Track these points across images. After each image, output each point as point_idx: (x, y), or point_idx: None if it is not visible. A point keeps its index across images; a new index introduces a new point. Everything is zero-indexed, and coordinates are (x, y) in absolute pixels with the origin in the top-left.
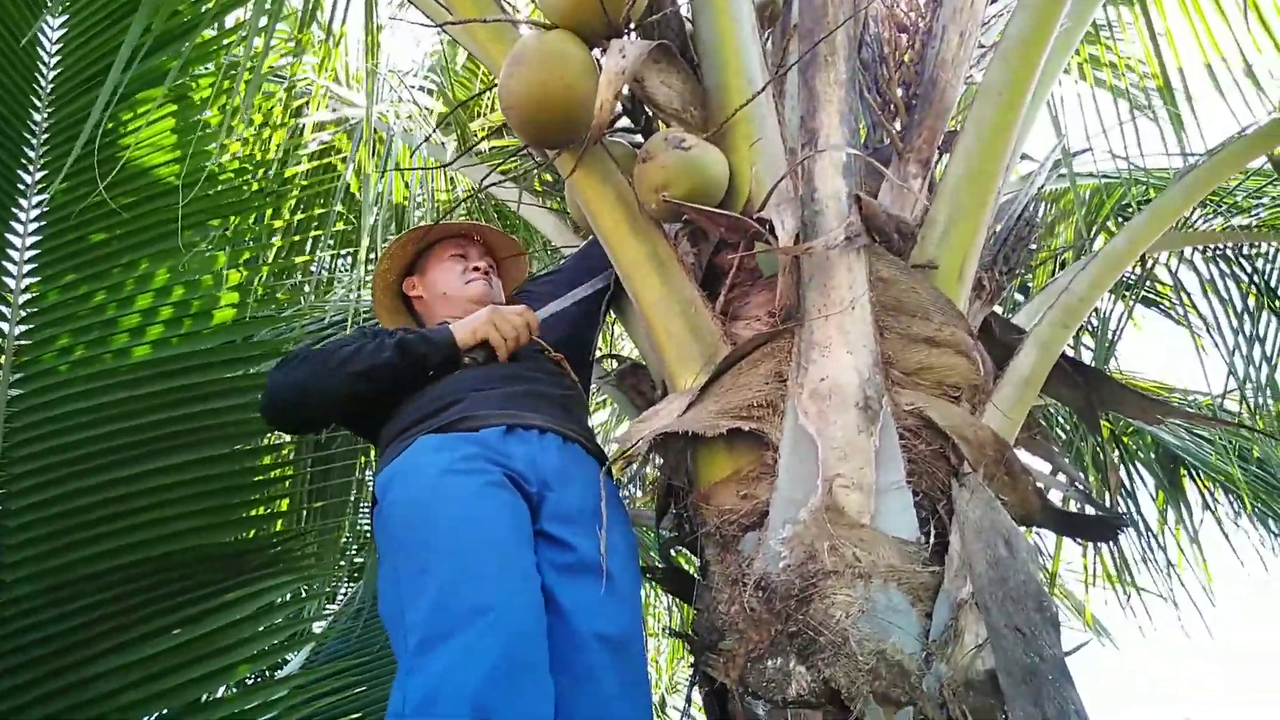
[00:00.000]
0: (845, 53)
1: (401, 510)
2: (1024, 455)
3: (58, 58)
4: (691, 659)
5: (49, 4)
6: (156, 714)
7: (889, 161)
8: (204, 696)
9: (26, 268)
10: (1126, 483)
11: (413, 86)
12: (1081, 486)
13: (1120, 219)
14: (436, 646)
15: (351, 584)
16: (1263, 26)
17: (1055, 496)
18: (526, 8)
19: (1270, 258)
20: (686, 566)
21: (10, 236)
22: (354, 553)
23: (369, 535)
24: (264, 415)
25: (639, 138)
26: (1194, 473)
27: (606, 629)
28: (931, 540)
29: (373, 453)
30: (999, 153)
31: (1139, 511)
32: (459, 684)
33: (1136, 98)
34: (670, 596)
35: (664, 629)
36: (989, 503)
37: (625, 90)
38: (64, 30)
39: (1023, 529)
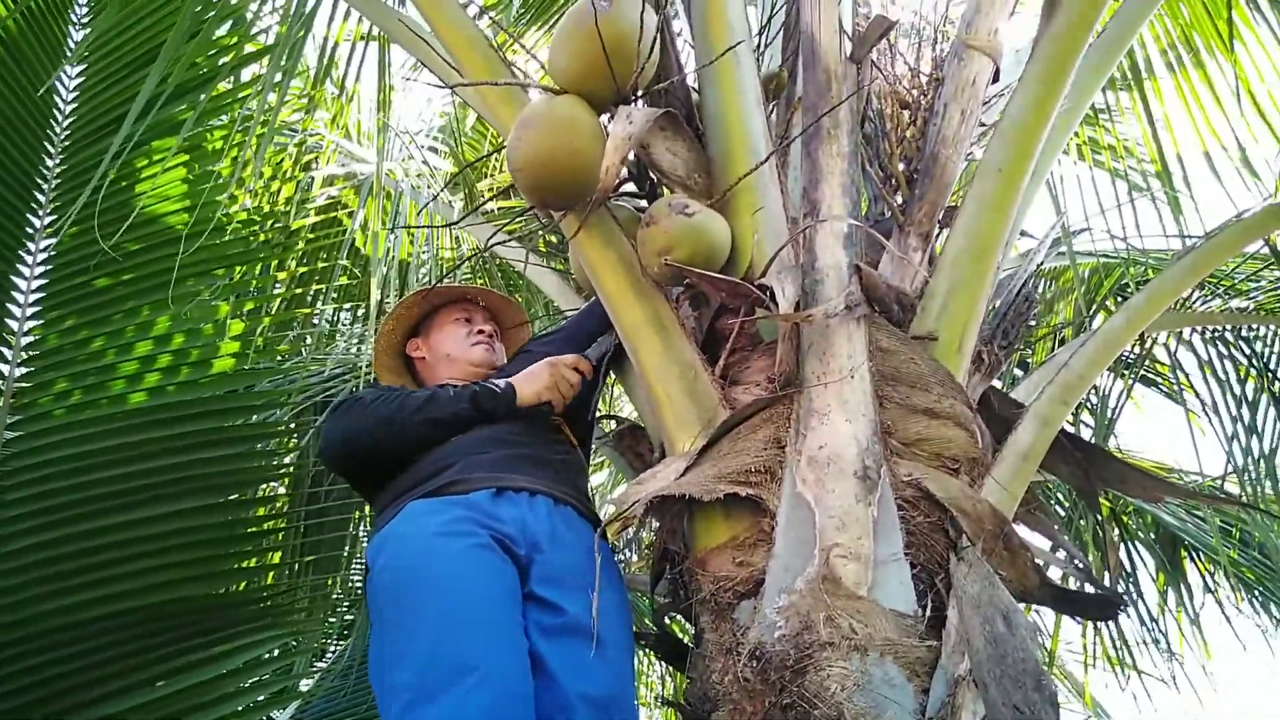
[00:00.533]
0: (848, 127)
1: (391, 574)
2: (1023, 530)
3: (74, 105)
4: None
5: (68, 53)
6: None
7: (890, 234)
8: None
9: (30, 310)
10: (1126, 563)
11: (421, 146)
12: (1081, 564)
13: (1119, 298)
14: (422, 707)
15: (341, 642)
16: (1259, 115)
17: (1054, 574)
18: (536, 73)
19: (1268, 340)
20: (680, 634)
21: (16, 279)
22: (344, 610)
23: (360, 592)
24: (327, 456)
25: (643, 202)
26: (1194, 554)
27: (593, 690)
28: (929, 614)
29: (367, 508)
30: (998, 228)
31: (1139, 592)
32: None
33: (1135, 180)
34: (663, 664)
35: (656, 698)
36: (987, 578)
37: (631, 156)
38: (81, 79)
39: (1021, 605)
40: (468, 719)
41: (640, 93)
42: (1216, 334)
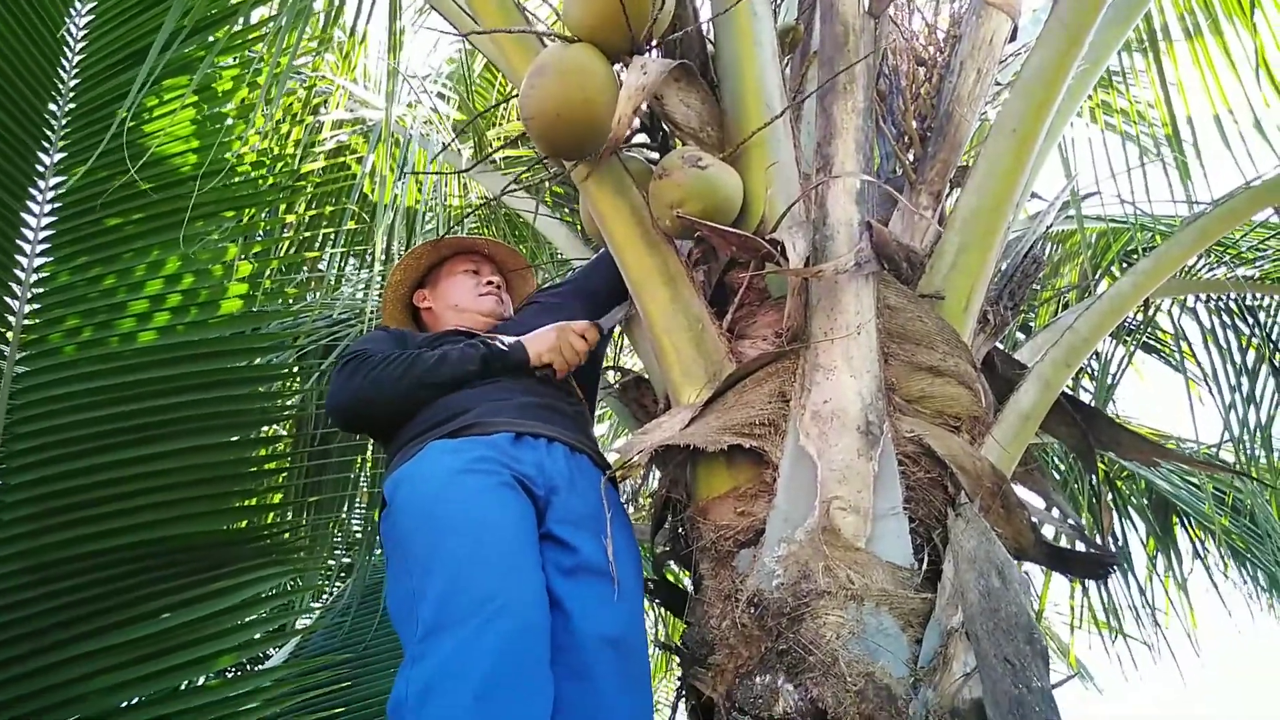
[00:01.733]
0: (864, 82)
1: (412, 509)
2: (1020, 490)
3: (83, 44)
4: (679, 673)
5: None
6: (136, 698)
7: (901, 191)
8: (184, 684)
9: (40, 248)
10: (1118, 528)
11: (430, 92)
12: (1075, 524)
13: (1125, 264)
14: (441, 634)
15: (340, 582)
16: (1271, 83)
17: (1048, 533)
18: (548, 18)
19: (1271, 311)
20: (678, 582)
21: (26, 216)
22: (342, 552)
23: (359, 535)
24: (337, 414)
25: (655, 154)
26: (1185, 520)
27: (609, 629)
28: (925, 567)
29: (369, 451)
30: (1010, 188)
31: (1129, 558)
32: (462, 671)
33: (1146, 144)
34: (661, 609)
35: (653, 641)
36: (984, 533)
37: (644, 107)
38: (90, 17)
39: (1016, 564)
40: (487, 647)
41: (655, 43)
42: (1220, 302)
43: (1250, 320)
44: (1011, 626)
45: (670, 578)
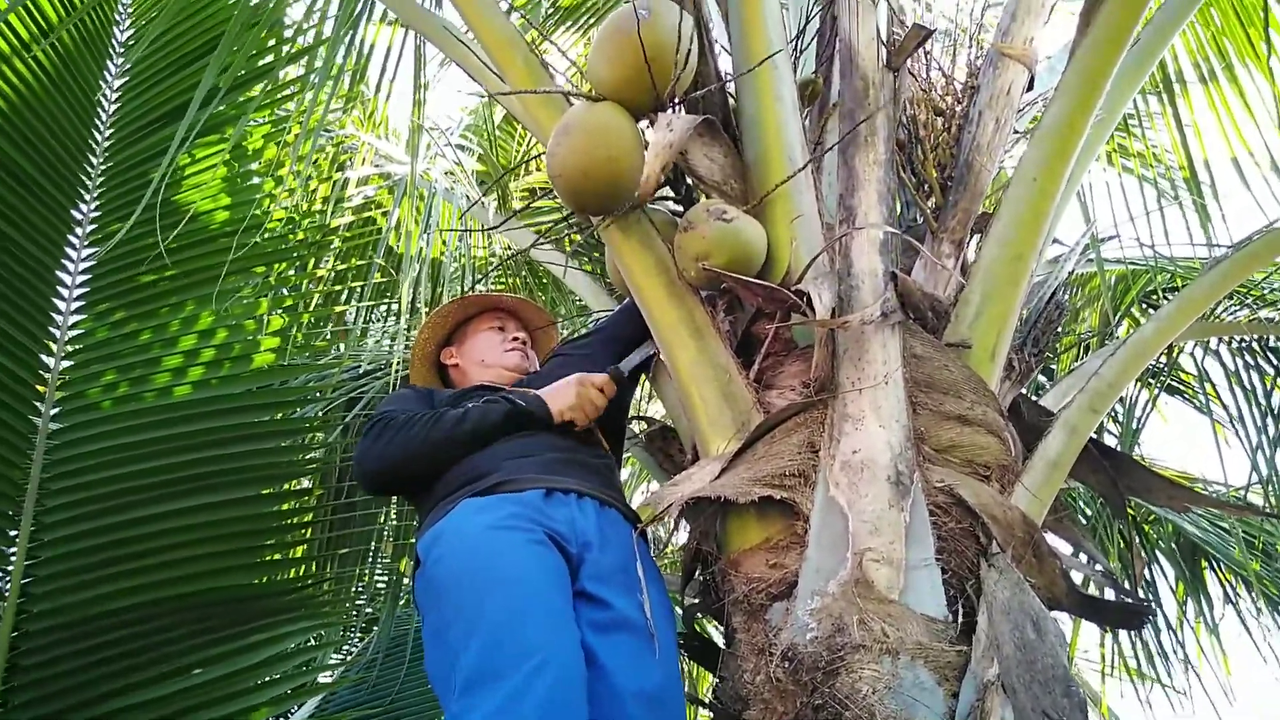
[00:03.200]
0: (884, 134)
1: (448, 565)
2: (1050, 538)
3: (117, 104)
4: None
5: (113, 54)
6: None
7: (923, 240)
8: None
9: (75, 304)
10: (1147, 573)
11: (451, 144)
12: (1106, 572)
13: (1145, 305)
14: (483, 690)
15: (364, 636)
16: None
17: (1078, 579)
18: (568, 71)
19: None
20: (710, 634)
21: (62, 275)
22: (365, 604)
23: (383, 588)
24: (365, 479)
25: (679, 207)
26: (1215, 565)
27: (645, 685)
28: (959, 619)
29: (393, 502)
30: (1033, 237)
31: (1158, 602)
32: None
33: (1163, 187)
34: (693, 664)
35: (685, 696)
36: (1017, 584)
37: (670, 163)
38: (125, 79)
39: (1051, 615)
40: (531, 702)
41: (678, 99)
42: (1243, 344)
43: (1275, 361)
44: (1049, 679)
45: (699, 630)
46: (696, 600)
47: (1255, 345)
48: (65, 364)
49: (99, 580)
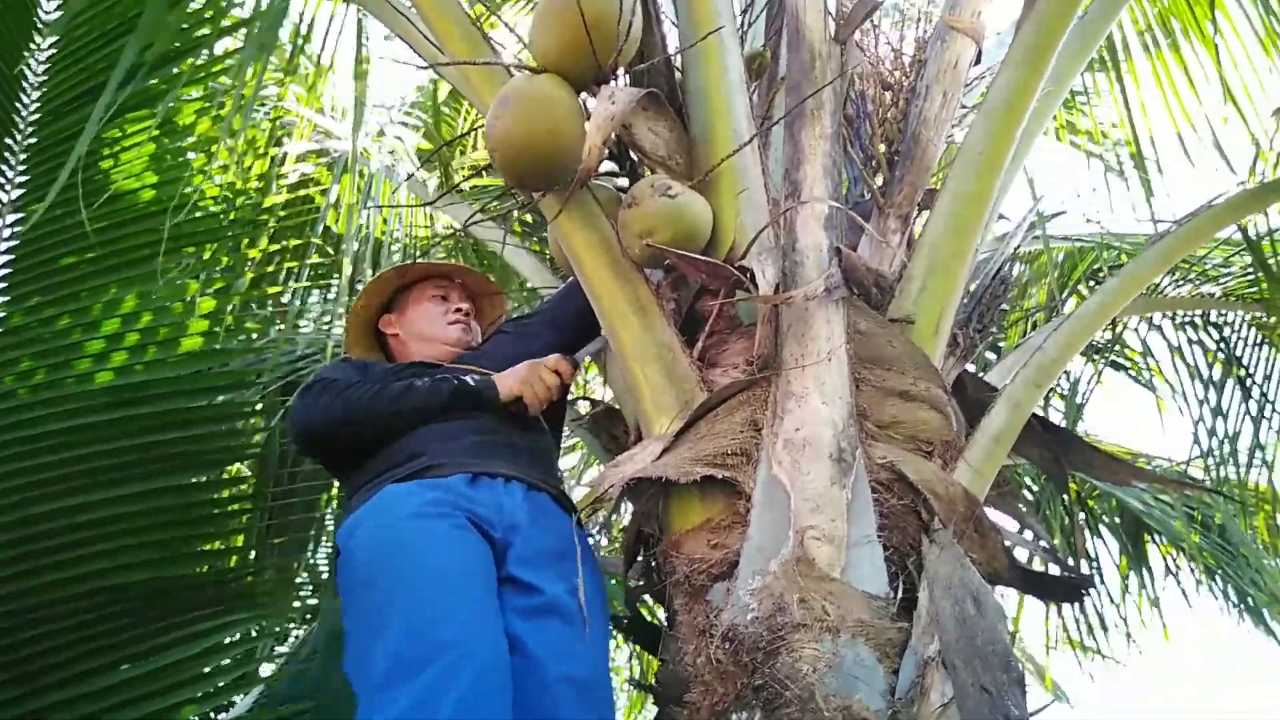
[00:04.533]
0: (831, 107)
1: (366, 554)
2: (993, 513)
3: (44, 76)
4: (654, 713)
5: (39, 26)
6: None
7: (869, 216)
8: None
9: None
10: (1090, 547)
11: (395, 121)
12: (1048, 547)
13: (1092, 283)
14: (400, 684)
15: (305, 627)
16: (1232, 102)
17: (1021, 555)
18: (516, 47)
19: (1235, 326)
20: (652, 617)
21: None
22: (308, 594)
23: (325, 578)
24: (299, 437)
25: (623, 181)
26: (1156, 538)
27: (574, 671)
28: (900, 595)
29: (334, 490)
30: (978, 211)
31: (1101, 576)
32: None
33: (1110, 162)
34: (634, 647)
35: (627, 680)
36: (959, 560)
37: (613, 135)
38: (53, 50)
39: (991, 588)
40: (447, 697)
41: (622, 71)
42: (1186, 319)
43: (1216, 336)
44: (988, 654)
45: (645, 614)
46: (639, 582)
47: (1197, 320)
48: None
49: (19, 575)
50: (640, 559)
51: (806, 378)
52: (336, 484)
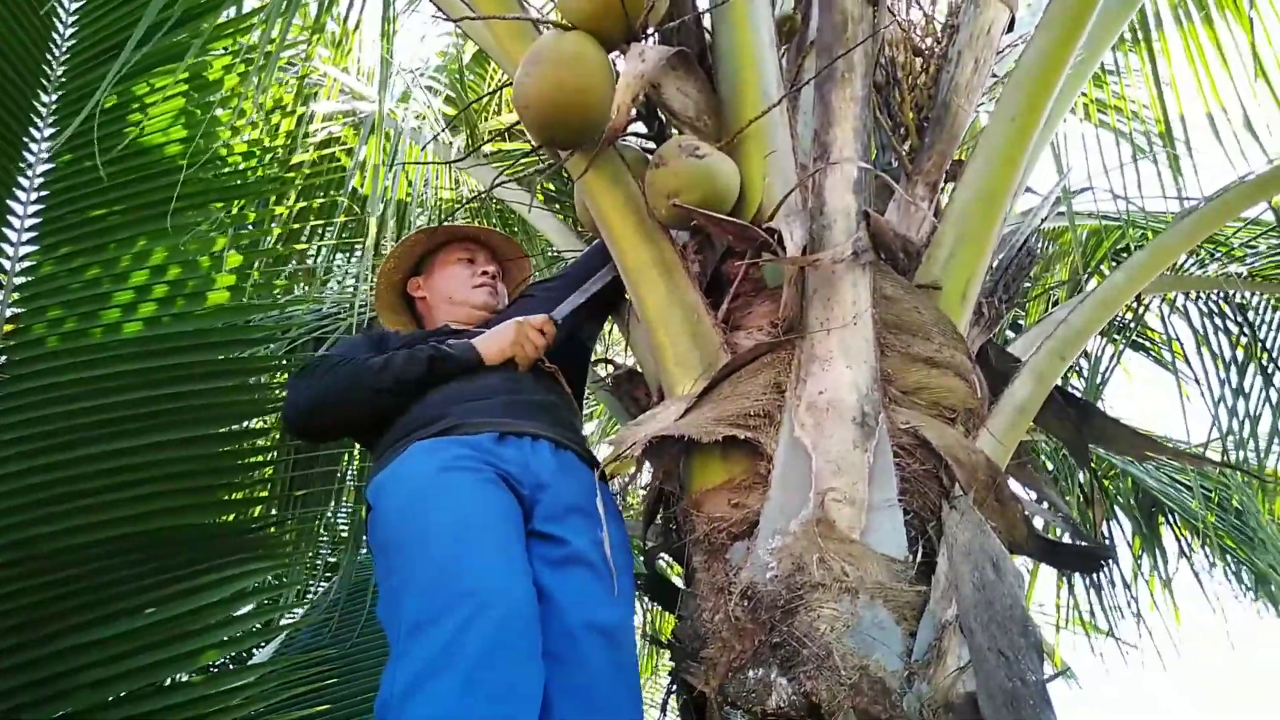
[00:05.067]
0: (862, 70)
1: (397, 507)
2: (1013, 483)
3: (74, 29)
4: (668, 670)
5: None
6: (121, 693)
7: (898, 182)
8: (169, 679)
9: (26, 237)
10: (1104, 528)
11: (420, 84)
12: (1066, 518)
13: (1115, 261)
14: (426, 630)
15: (326, 580)
16: (1264, 79)
17: (1039, 526)
18: (543, 6)
19: (1259, 309)
20: (669, 576)
21: (12, 204)
22: (328, 549)
23: (345, 533)
24: (288, 422)
25: (650, 143)
26: (1171, 518)
27: (600, 618)
28: (919, 559)
29: (356, 447)
30: (1008, 178)
31: (1115, 559)
32: (448, 664)
33: (1138, 141)
34: (650, 604)
35: (642, 635)
36: (978, 526)
37: (641, 95)
38: (81, 2)
39: (1011, 557)
40: (472, 640)
41: (651, 30)
42: (1210, 302)
43: (1239, 319)
44: (1006, 619)
45: (662, 573)
46: (658, 541)
47: (1221, 303)
48: (13, 298)
49: (50, 518)
50: (660, 518)
51: (831, 341)
52: (358, 444)
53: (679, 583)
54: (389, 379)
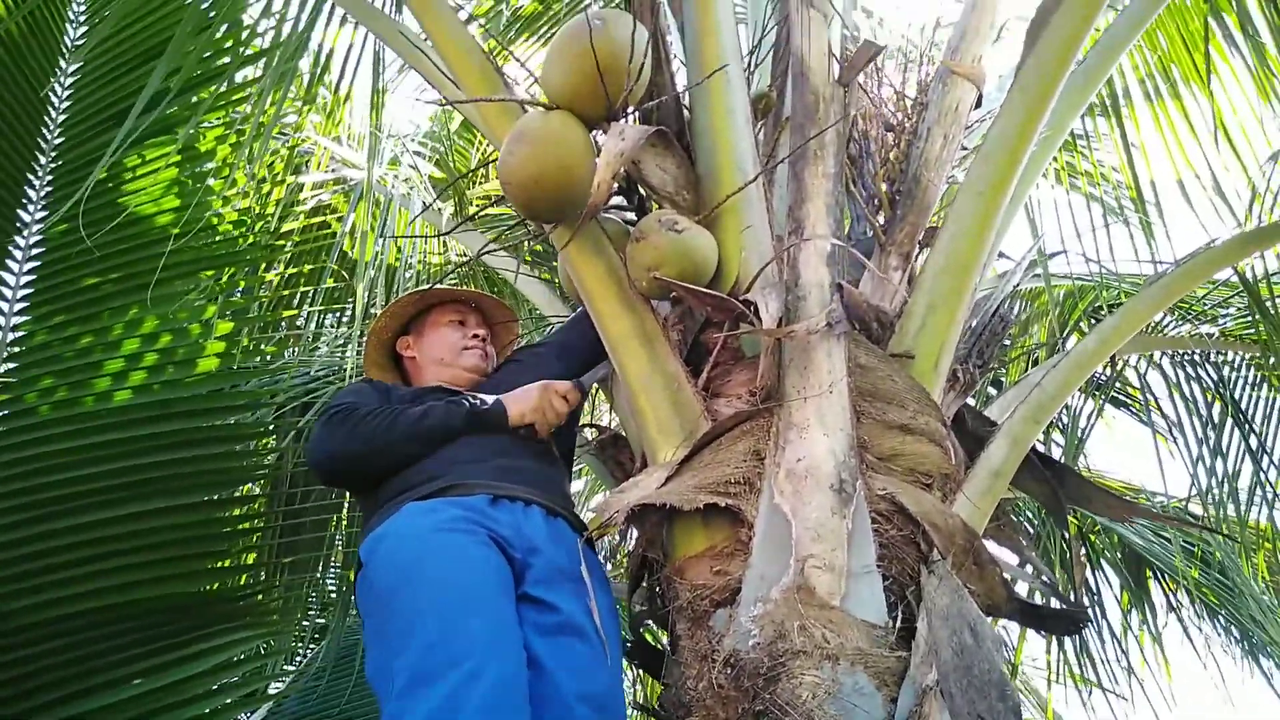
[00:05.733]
0: (834, 148)
1: (389, 568)
2: (992, 546)
3: (68, 102)
4: None
5: (65, 51)
6: None
7: (871, 254)
8: None
9: (18, 305)
10: (1092, 582)
11: (409, 150)
12: (1048, 580)
13: (1092, 320)
14: (419, 692)
15: (314, 645)
16: (1231, 147)
17: (1022, 589)
18: (527, 81)
19: (1235, 365)
20: (655, 642)
21: (5, 275)
22: (315, 614)
23: (334, 596)
24: (319, 467)
25: (631, 215)
26: (1159, 574)
27: (591, 688)
28: (899, 625)
29: (345, 510)
30: (977, 249)
31: (1103, 613)
32: None
33: (1110, 205)
34: (638, 670)
35: (631, 703)
36: (956, 591)
37: (622, 171)
38: (76, 76)
39: (989, 619)
40: (465, 705)
41: (631, 109)
42: (1186, 357)
43: (1215, 375)
44: (985, 684)
45: (649, 638)
46: (643, 607)
47: (1197, 358)
48: (5, 368)
49: (37, 588)
50: (644, 584)
51: (808, 409)
52: (346, 506)
53: (666, 649)
54: (428, 429)
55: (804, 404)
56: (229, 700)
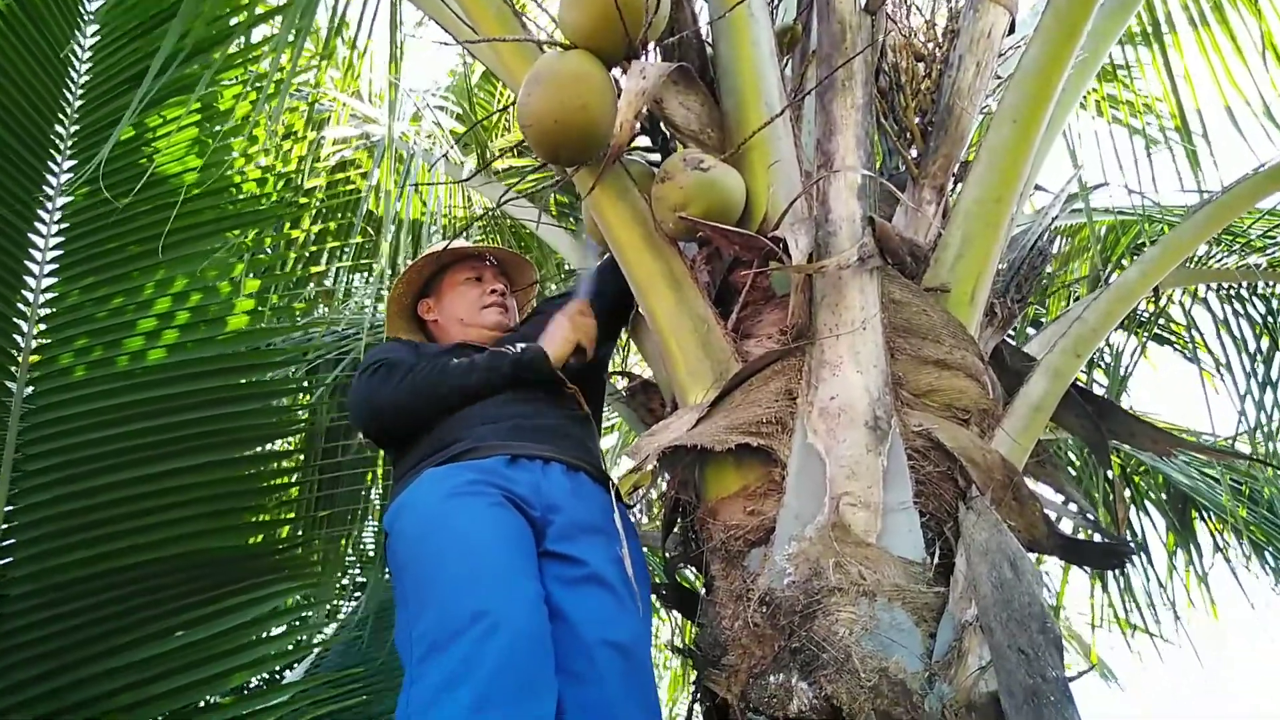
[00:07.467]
0: (862, 78)
1: (407, 537)
2: (1032, 483)
3: (89, 65)
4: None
5: (83, 14)
6: (154, 716)
7: (904, 188)
8: (202, 701)
9: (48, 268)
10: (1136, 523)
11: (430, 105)
12: (1090, 516)
13: (1135, 256)
14: (437, 654)
15: (355, 599)
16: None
17: (1065, 528)
18: (547, 24)
19: None
20: (690, 585)
21: (34, 238)
22: (356, 570)
23: (371, 552)
24: (364, 422)
25: (655, 156)
26: (1204, 514)
27: (615, 636)
28: (937, 561)
29: (380, 466)
30: (1013, 178)
31: (1149, 557)
32: (459, 685)
33: (1154, 136)
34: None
35: (667, 645)
36: (995, 525)
37: (644, 110)
38: (96, 39)
39: (1029, 555)
40: (483, 661)
41: (652, 46)
42: (1231, 291)
43: (1262, 308)
44: (1025, 617)
45: (683, 582)
46: (677, 551)
47: (1243, 292)
48: (39, 329)
49: (78, 545)
50: (677, 528)
51: (841, 347)
52: (381, 461)
53: (700, 591)
54: (475, 381)
55: (836, 341)
56: (271, 651)
